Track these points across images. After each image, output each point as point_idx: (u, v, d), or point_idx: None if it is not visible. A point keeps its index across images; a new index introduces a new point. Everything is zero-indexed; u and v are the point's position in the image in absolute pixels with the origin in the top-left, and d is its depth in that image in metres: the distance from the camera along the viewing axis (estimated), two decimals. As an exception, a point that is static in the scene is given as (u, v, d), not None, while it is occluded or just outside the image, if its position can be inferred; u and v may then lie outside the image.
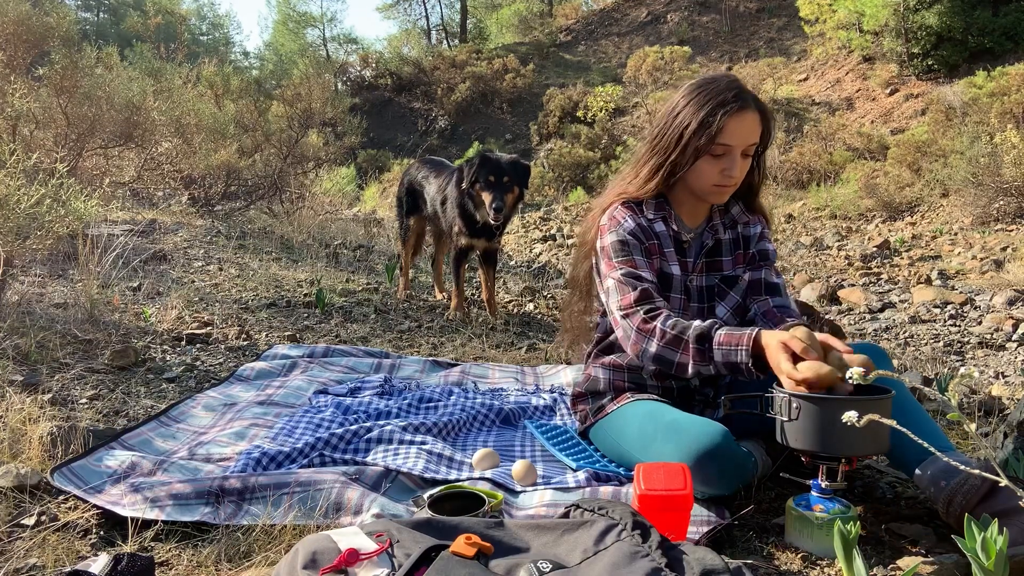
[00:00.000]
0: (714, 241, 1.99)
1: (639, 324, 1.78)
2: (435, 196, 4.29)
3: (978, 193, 7.41)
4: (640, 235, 1.91)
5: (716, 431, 1.66)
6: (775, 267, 2.04)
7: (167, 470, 1.83)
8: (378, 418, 2.29)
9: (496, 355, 3.42)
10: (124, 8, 34.24)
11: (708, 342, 1.69)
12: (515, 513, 1.70)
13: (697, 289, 1.97)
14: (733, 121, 1.81)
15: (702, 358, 1.69)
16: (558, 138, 16.29)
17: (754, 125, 1.85)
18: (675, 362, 1.74)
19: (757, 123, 1.85)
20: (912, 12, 12.49)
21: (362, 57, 22.99)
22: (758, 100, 1.87)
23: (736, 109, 1.81)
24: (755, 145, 1.87)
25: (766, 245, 2.04)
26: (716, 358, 1.67)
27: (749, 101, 1.84)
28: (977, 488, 1.50)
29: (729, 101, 1.81)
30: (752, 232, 2.04)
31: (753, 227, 2.04)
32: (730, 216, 2.02)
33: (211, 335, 3.34)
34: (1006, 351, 3.59)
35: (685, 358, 1.72)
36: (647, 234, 1.92)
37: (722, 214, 2.01)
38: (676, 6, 22.17)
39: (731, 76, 1.91)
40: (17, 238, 2.94)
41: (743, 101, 1.82)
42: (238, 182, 7.60)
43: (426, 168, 4.51)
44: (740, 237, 2.02)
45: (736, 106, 1.81)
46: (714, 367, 1.69)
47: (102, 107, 5.77)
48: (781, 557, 1.52)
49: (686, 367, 1.73)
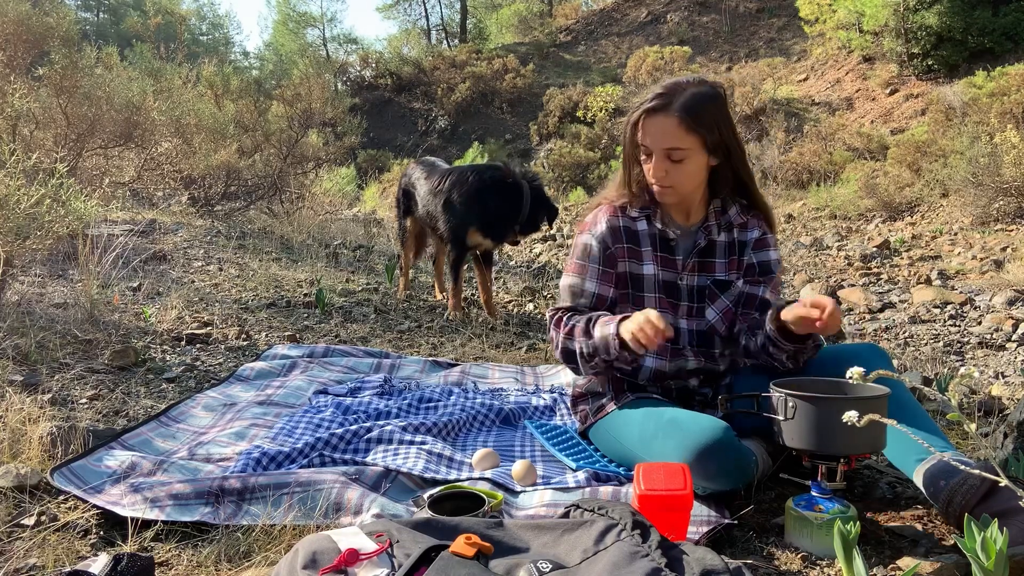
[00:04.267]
0: (707, 241, 1.96)
1: (555, 322, 1.94)
2: (426, 198, 4.25)
3: (978, 193, 7.41)
4: (609, 240, 1.95)
5: (717, 426, 1.67)
6: (776, 281, 1.99)
7: (167, 470, 1.83)
8: (378, 418, 2.29)
9: (496, 355, 3.42)
10: (124, 8, 34.24)
11: (592, 324, 1.83)
12: (515, 513, 1.70)
13: (688, 289, 1.96)
14: (647, 123, 1.84)
15: (586, 339, 1.83)
16: (558, 138, 16.29)
17: (670, 129, 1.81)
18: (573, 351, 1.87)
19: (675, 126, 1.81)
20: (912, 12, 12.49)
21: (362, 57, 22.99)
22: (691, 105, 1.81)
23: (648, 112, 1.83)
24: (679, 149, 1.83)
25: (768, 255, 1.99)
26: (596, 336, 1.80)
27: (670, 104, 1.81)
28: (977, 488, 1.50)
29: (646, 103, 1.83)
30: (749, 237, 1.98)
31: (751, 231, 1.99)
32: (727, 217, 1.98)
33: (211, 335, 3.34)
34: (1006, 351, 3.59)
35: (575, 345, 1.85)
36: (620, 236, 1.95)
37: (719, 215, 1.98)
38: (676, 6, 22.16)
39: (677, 80, 1.87)
40: (17, 238, 2.94)
41: (658, 103, 1.81)
42: (238, 182, 7.60)
43: (419, 170, 4.48)
44: (736, 241, 1.98)
45: (651, 109, 1.82)
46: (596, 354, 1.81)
47: (102, 107, 5.77)
48: (781, 557, 1.52)
49: (578, 357, 1.85)
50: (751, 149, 12.67)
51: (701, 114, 1.82)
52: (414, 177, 4.46)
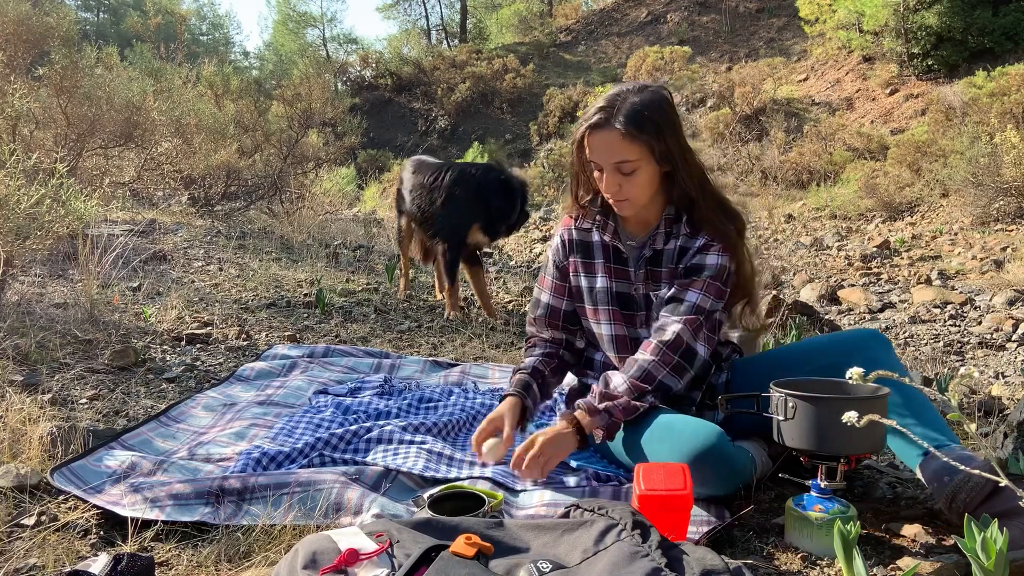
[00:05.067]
0: (652, 252, 1.91)
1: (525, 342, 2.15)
2: (417, 193, 4.21)
3: (978, 193, 7.42)
4: (560, 252, 2.02)
5: (710, 432, 1.66)
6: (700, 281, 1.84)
7: (167, 470, 1.83)
8: (378, 418, 2.29)
9: (496, 355, 3.42)
10: (124, 8, 34.27)
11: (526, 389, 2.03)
12: (515, 513, 1.70)
13: (644, 298, 1.94)
14: (591, 139, 1.81)
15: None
16: (558, 138, 16.31)
17: (614, 143, 1.77)
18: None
19: (619, 140, 1.77)
20: (912, 12, 12.50)
21: (362, 57, 23.01)
22: (631, 114, 1.76)
23: (591, 128, 1.80)
24: (627, 162, 1.78)
25: (704, 259, 1.86)
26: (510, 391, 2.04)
27: (611, 118, 1.77)
28: (981, 487, 1.49)
29: (590, 118, 1.81)
30: (693, 244, 1.88)
31: (698, 239, 1.88)
32: (679, 226, 1.91)
33: (211, 335, 3.34)
34: (1006, 351, 3.60)
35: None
36: (572, 249, 2.00)
37: (669, 222, 1.90)
38: (676, 6, 22.18)
39: (618, 90, 1.83)
40: (17, 238, 2.94)
41: (599, 118, 1.78)
42: (238, 182, 7.60)
43: (410, 167, 4.47)
44: (680, 248, 1.90)
45: (594, 125, 1.79)
46: None
47: (102, 107, 5.77)
48: (781, 557, 1.52)
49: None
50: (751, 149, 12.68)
51: (643, 123, 1.76)
52: (405, 175, 4.45)
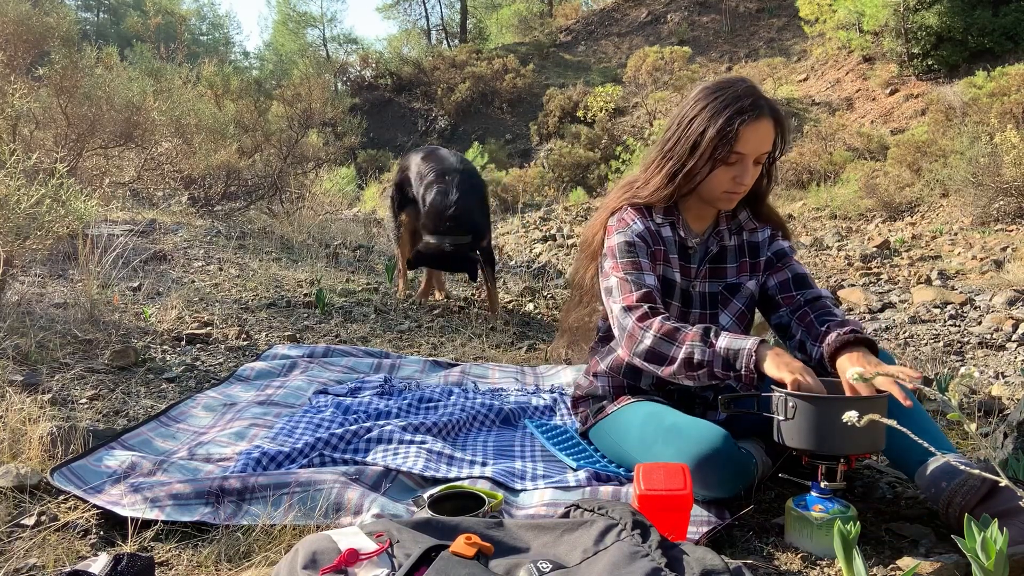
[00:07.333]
0: (719, 247, 1.96)
1: (637, 318, 1.76)
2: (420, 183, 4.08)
3: (978, 193, 7.41)
4: (648, 238, 1.90)
5: (716, 435, 1.66)
6: (795, 260, 1.99)
7: (167, 470, 1.83)
8: (378, 418, 2.29)
9: (496, 355, 3.42)
10: (124, 8, 34.27)
11: (711, 334, 1.68)
12: (515, 513, 1.70)
13: (700, 296, 1.95)
14: (748, 130, 1.77)
15: (703, 346, 1.66)
16: (558, 138, 16.30)
17: (768, 134, 1.81)
18: (668, 355, 1.70)
19: (771, 131, 1.82)
20: (912, 12, 12.50)
21: (362, 57, 23.01)
22: (774, 107, 1.82)
23: (752, 118, 1.77)
24: (767, 153, 1.84)
25: (780, 244, 1.98)
26: (719, 345, 1.65)
27: (765, 109, 1.80)
28: (977, 489, 1.49)
29: (746, 109, 1.77)
30: (760, 238, 1.99)
31: (761, 232, 1.99)
32: (736, 222, 1.98)
33: (211, 335, 3.34)
34: (1006, 351, 3.59)
35: (678, 351, 1.68)
36: (654, 239, 1.91)
37: (728, 220, 1.98)
38: (676, 6, 22.18)
39: (747, 82, 1.86)
40: (17, 238, 2.94)
41: (759, 109, 1.78)
42: (238, 182, 7.59)
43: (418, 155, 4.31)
44: (746, 244, 1.98)
45: (753, 115, 1.77)
46: (708, 363, 1.66)
47: (102, 107, 5.77)
48: (781, 557, 1.52)
49: (676, 362, 1.69)
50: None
51: (782, 118, 1.84)
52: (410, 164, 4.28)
